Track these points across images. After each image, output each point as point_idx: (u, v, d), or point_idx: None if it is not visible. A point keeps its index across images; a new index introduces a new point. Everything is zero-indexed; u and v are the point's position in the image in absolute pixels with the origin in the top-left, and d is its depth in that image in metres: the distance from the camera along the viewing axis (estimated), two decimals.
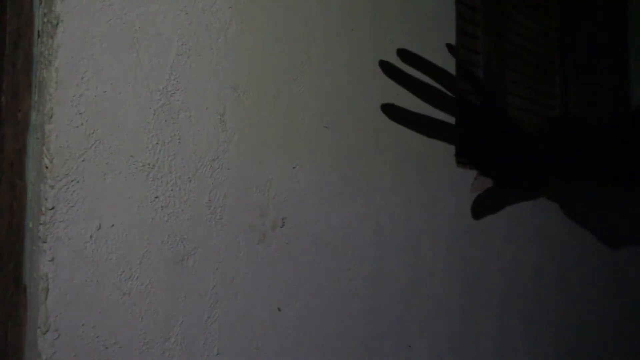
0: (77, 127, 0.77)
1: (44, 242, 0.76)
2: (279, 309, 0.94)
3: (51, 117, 0.76)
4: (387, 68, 1.07)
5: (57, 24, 0.76)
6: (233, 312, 0.89)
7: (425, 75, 1.16)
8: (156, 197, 0.82)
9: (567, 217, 1.52)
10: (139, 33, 0.81)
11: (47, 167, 0.76)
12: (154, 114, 0.82)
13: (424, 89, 1.13)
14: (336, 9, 1.03)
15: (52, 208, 0.76)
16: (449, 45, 1.22)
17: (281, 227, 0.93)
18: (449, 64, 1.26)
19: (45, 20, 0.78)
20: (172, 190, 0.83)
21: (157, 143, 0.81)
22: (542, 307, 1.53)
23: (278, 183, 0.93)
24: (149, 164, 0.81)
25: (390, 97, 1.10)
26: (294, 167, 0.94)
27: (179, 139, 0.83)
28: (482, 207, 1.26)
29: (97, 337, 0.80)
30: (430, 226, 1.17)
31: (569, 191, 1.50)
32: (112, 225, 0.79)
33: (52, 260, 0.76)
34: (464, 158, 1.25)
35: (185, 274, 0.85)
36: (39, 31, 0.81)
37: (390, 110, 1.08)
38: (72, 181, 0.77)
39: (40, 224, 0.76)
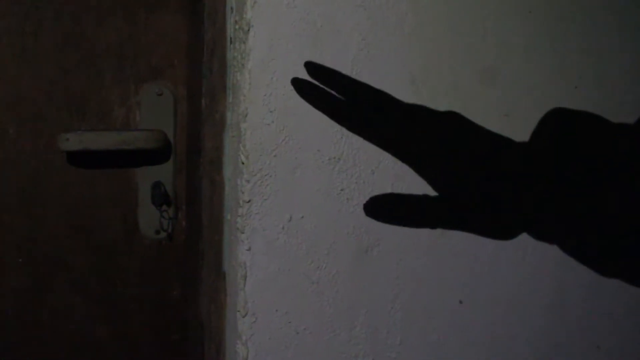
0: (269, 124, 0.82)
1: (242, 232, 0.82)
2: (460, 302, 0.92)
3: (246, 116, 0.81)
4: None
5: (249, 30, 0.81)
6: (415, 303, 0.90)
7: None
8: (342, 190, 0.85)
9: None
10: (321, 32, 0.84)
11: (243, 163, 0.82)
12: None
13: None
14: None
15: (249, 201, 0.82)
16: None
17: None
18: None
19: (237, 27, 0.84)
20: (356, 182, 0.85)
21: (341, 137, 0.84)
22: None
23: None
24: (334, 157, 0.84)
25: (570, 84, 1.03)
26: None
27: None
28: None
29: (289, 322, 0.85)
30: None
31: None
32: (302, 217, 0.84)
33: (249, 249, 0.82)
34: None
35: (370, 265, 0.87)
36: (230, 38, 0.87)
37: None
38: (265, 175, 0.82)
39: (238, 216, 0.83)
